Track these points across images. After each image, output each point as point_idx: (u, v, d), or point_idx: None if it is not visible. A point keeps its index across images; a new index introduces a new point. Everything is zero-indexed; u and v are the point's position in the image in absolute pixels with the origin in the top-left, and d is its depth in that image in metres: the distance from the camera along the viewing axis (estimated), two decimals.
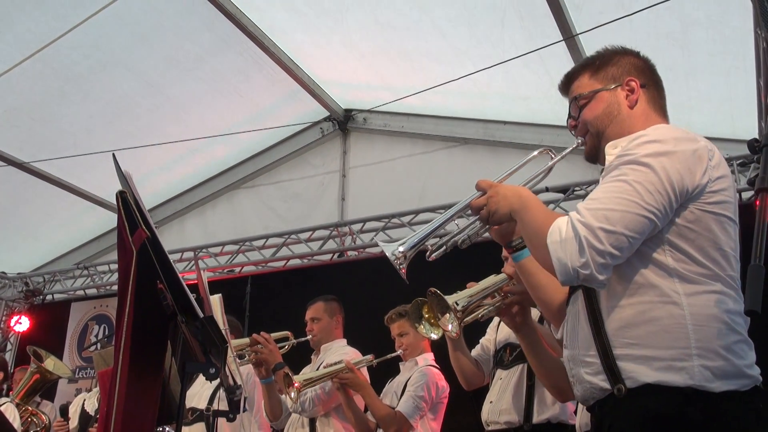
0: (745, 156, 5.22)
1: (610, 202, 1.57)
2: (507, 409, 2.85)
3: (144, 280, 1.59)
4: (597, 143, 1.89)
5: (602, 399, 1.62)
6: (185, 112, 6.65)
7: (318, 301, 4.07)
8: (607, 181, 1.64)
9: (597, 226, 1.54)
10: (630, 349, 1.57)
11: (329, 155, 7.44)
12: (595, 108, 1.89)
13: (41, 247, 8.31)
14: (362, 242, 6.69)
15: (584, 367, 1.65)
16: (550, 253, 1.59)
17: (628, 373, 1.55)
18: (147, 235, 1.51)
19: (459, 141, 6.76)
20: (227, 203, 7.87)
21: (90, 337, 7.73)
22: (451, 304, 2.24)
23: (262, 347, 3.65)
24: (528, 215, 1.74)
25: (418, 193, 6.67)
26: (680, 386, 1.49)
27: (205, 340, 1.66)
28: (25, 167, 6.81)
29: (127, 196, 1.56)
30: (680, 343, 1.53)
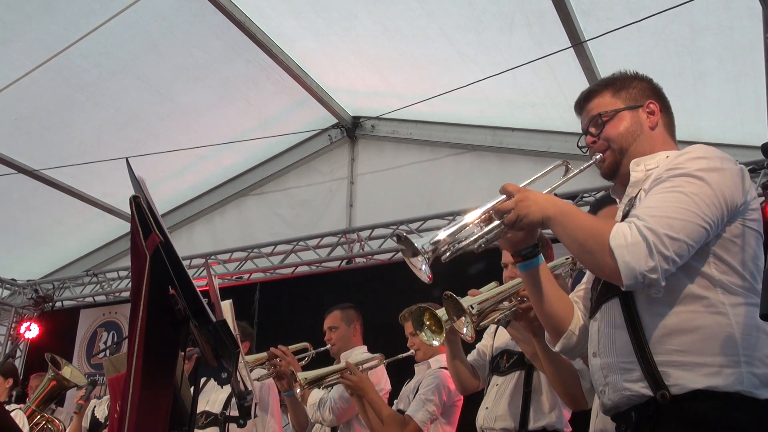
0: (755, 162, 5.21)
1: (671, 210, 1.61)
2: (503, 416, 2.84)
3: (156, 285, 1.60)
4: (619, 159, 1.93)
5: (640, 405, 1.64)
6: (194, 119, 6.68)
7: (335, 309, 4.08)
8: (661, 191, 1.66)
9: (663, 233, 1.57)
10: (676, 356, 1.60)
11: (337, 162, 7.46)
12: (618, 125, 1.93)
13: (51, 254, 8.35)
14: (370, 249, 6.69)
15: (623, 374, 1.67)
16: (616, 257, 1.57)
17: (675, 380, 1.58)
18: (160, 240, 1.51)
19: (467, 148, 6.77)
20: (236, 210, 7.89)
21: (99, 344, 7.76)
22: (466, 308, 2.23)
23: (280, 360, 3.65)
24: (573, 221, 1.73)
25: (426, 200, 6.68)
26: (729, 392, 1.53)
27: (217, 344, 1.66)
28: (35, 175, 6.86)
29: (141, 200, 1.57)
30: (729, 351, 1.57)
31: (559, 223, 1.75)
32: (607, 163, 1.95)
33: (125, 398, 1.54)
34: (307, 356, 3.95)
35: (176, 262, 1.57)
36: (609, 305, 1.77)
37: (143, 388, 1.56)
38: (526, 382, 2.88)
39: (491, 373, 3.07)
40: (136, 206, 1.57)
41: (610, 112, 1.94)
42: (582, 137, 2.04)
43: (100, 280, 8.05)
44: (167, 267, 1.52)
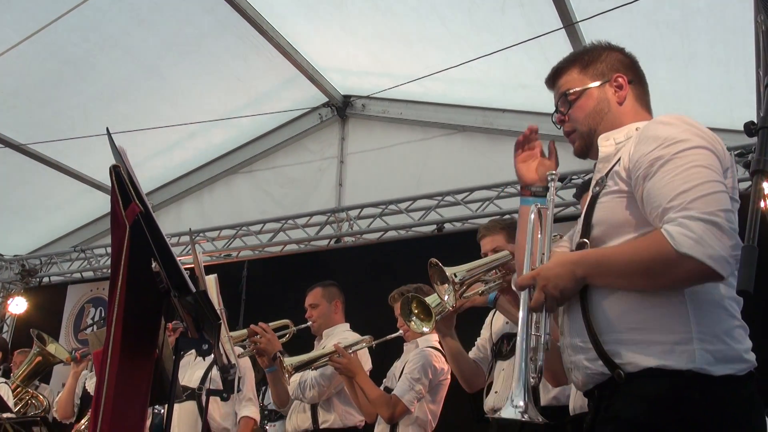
0: (743, 146, 5.22)
1: (708, 187, 1.55)
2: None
3: (137, 257, 1.59)
4: (588, 141, 1.90)
5: (602, 383, 1.64)
6: (183, 95, 6.62)
7: (316, 287, 4.07)
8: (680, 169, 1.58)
9: (718, 210, 1.51)
10: (630, 334, 1.59)
11: (327, 141, 7.43)
12: (585, 105, 1.90)
13: (38, 230, 8.31)
14: (359, 228, 6.69)
15: (583, 353, 1.68)
16: (697, 257, 1.46)
17: (629, 359, 1.57)
18: (140, 210, 1.50)
19: (457, 128, 6.75)
20: (224, 188, 7.86)
21: (86, 319, 7.75)
22: (449, 276, 2.24)
23: (260, 337, 3.65)
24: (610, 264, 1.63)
25: (415, 180, 6.67)
26: (681, 369, 1.52)
27: (198, 315, 1.66)
28: (22, 149, 6.80)
29: (121, 170, 1.55)
30: (681, 328, 1.55)
31: (598, 276, 1.65)
32: (577, 146, 1.94)
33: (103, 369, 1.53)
34: (287, 333, 3.95)
35: (156, 232, 1.56)
36: None
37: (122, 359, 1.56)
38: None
39: (494, 359, 3.07)
40: (116, 176, 1.56)
41: (577, 91, 1.91)
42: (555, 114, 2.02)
43: (87, 256, 8.02)
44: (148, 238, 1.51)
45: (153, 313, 1.73)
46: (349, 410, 3.76)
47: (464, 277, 2.30)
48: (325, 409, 3.71)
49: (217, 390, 2.38)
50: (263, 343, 3.63)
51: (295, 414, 3.78)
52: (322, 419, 3.69)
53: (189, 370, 4.05)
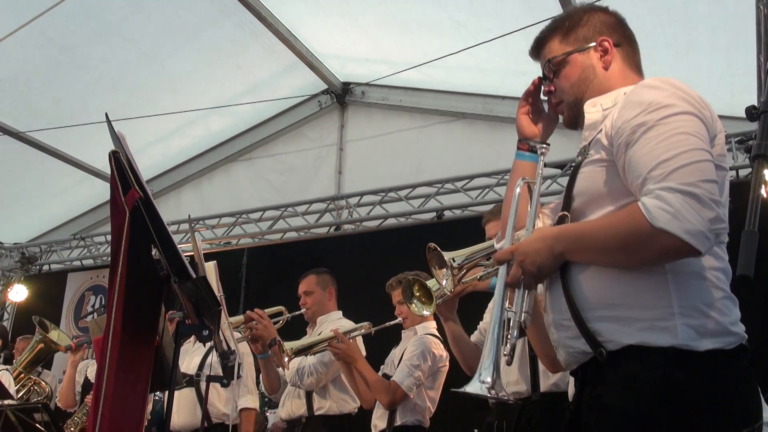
0: (743, 133, 5.22)
1: (691, 155, 1.46)
2: (515, 381, 2.85)
3: (137, 243, 1.59)
4: (576, 112, 1.82)
5: (585, 363, 1.59)
6: (182, 83, 6.60)
7: (310, 274, 4.07)
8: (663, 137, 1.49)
9: (698, 180, 1.42)
10: (609, 310, 1.53)
11: (326, 128, 7.42)
12: (570, 74, 1.82)
13: (38, 218, 8.31)
14: (359, 215, 6.69)
15: (565, 331, 1.62)
16: (673, 232, 1.39)
17: (609, 336, 1.51)
18: (140, 195, 1.50)
19: (457, 116, 6.74)
20: (224, 175, 7.86)
21: (86, 307, 7.77)
22: (447, 260, 2.24)
23: (256, 323, 3.65)
24: (588, 238, 1.56)
25: (415, 167, 6.67)
26: (663, 346, 1.45)
27: (198, 301, 1.66)
28: (21, 137, 6.78)
29: (120, 156, 1.55)
30: (662, 303, 1.48)
31: (576, 252, 1.59)
32: (565, 116, 1.87)
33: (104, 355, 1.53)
34: (281, 320, 3.96)
35: (156, 218, 1.56)
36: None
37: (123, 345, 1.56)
38: (531, 347, 2.89)
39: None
40: (115, 161, 1.55)
41: (559, 60, 1.83)
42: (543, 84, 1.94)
43: (87, 244, 8.02)
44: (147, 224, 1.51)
45: (153, 299, 1.73)
46: (344, 397, 3.77)
47: (462, 262, 2.29)
48: (321, 396, 3.72)
49: (217, 376, 2.39)
50: (259, 330, 3.63)
51: (290, 400, 3.78)
52: (317, 406, 3.70)
53: (187, 357, 4.07)
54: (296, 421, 3.71)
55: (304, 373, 3.65)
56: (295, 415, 3.71)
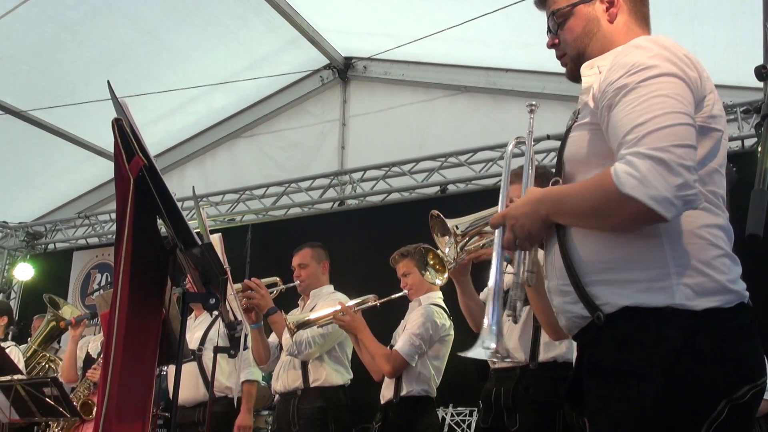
0: (748, 103, 5.18)
1: (666, 119, 1.43)
2: (514, 348, 2.86)
3: (142, 213, 1.59)
4: (578, 64, 1.79)
5: (584, 327, 1.59)
6: (183, 59, 6.56)
7: (305, 247, 4.07)
8: (641, 99, 1.47)
9: (670, 145, 1.40)
10: (605, 274, 1.52)
11: (329, 104, 7.39)
12: (574, 26, 1.77)
13: (42, 197, 8.32)
14: (362, 191, 6.69)
15: (564, 296, 1.62)
16: (637, 198, 1.38)
17: (605, 299, 1.51)
18: (144, 163, 1.50)
19: (460, 89, 6.70)
20: (227, 152, 7.85)
21: (92, 285, 7.81)
22: (450, 228, 2.22)
23: (253, 293, 3.66)
24: (568, 203, 1.56)
25: (418, 142, 6.65)
26: (659, 307, 1.44)
27: (204, 269, 1.66)
28: (23, 116, 6.77)
29: (123, 123, 1.54)
30: (657, 263, 1.47)
31: (560, 214, 1.59)
32: (568, 69, 1.84)
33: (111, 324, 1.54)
34: (276, 291, 3.96)
35: (161, 186, 1.56)
36: (551, 229, 1.67)
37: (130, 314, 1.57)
38: (535, 317, 2.90)
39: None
40: (118, 129, 1.55)
41: (563, 12, 1.78)
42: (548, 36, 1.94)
43: (92, 222, 8.04)
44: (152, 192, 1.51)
45: (159, 270, 1.73)
46: (338, 368, 3.80)
47: (466, 229, 2.28)
48: (316, 367, 3.74)
49: (225, 347, 2.41)
50: (257, 299, 3.64)
51: (285, 372, 3.80)
52: (313, 377, 3.72)
53: (189, 331, 4.10)
54: (291, 393, 3.73)
55: (302, 343, 3.66)
56: (291, 387, 3.73)
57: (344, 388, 3.79)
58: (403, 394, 3.49)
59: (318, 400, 3.66)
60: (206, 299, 1.73)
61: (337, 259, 4.36)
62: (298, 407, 3.67)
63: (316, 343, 3.67)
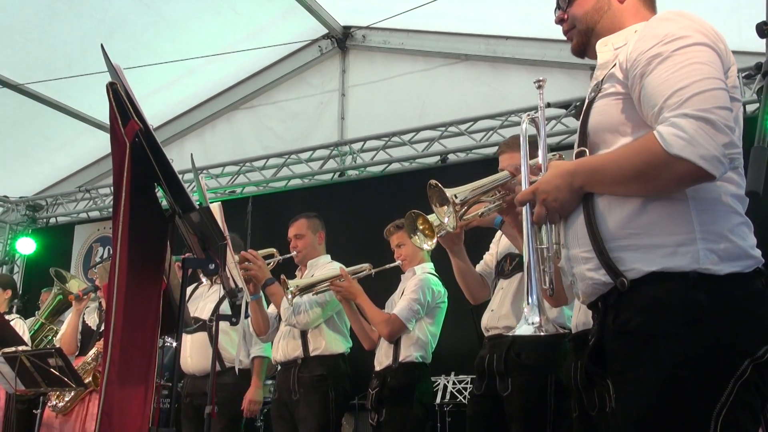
0: (749, 68, 5.13)
1: (706, 83, 1.48)
2: (506, 315, 2.91)
3: (139, 179, 1.58)
4: (586, 40, 1.84)
5: (605, 294, 1.62)
6: (180, 30, 6.50)
7: (300, 218, 4.08)
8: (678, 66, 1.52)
9: (713, 107, 1.45)
10: (631, 239, 1.56)
11: (328, 74, 7.33)
12: (585, 2, 1.82)
13: (42, 171, 8.31)
14: (363, 161, 6.67)
15: (585, 263, 1.65)
16: (687, 158, 1.42)
17: (630, 265, 1.55)
18: (139, 127, 1.49)
19: (460, 57, 6.64)
20: (226, 124, 7.82)
21: (95, 258, 7.84)
22: (449, 197, 2.21)
23: (251, 264, 3.67)
24: (605, 171, 1.59)
25: (418, 111, 6.61)
26: (685, 271, 1.49)
27: (204, 235, 1.66)
28: (20, 89, 6.73)
29: (118, 87, 1.53)
30: (684, 229, 1.52)
31: (595, 184, 1.62)
32: (574, 43, 1.88)
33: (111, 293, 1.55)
34: (273, 262, 3.97)
35: (157, 150, 1.55)
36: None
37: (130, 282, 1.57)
38: None
39: (497, 277, 3.11)
40: (113, 93, 1.53)
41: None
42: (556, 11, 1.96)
43: (93, 196, 8.04)
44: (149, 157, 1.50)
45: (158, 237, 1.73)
46: (337, 337, 3.83)
47: (465, 198, 2.26)
48: (315, 336, 3.77)
49: (226, 315, 2.42)
50: (254, 270, 3.66)
51: (284, 341, 3.82)
52: (313, 346, 3.75)
53: (201, 302, 4.11)
54: (292, 362, 3.76)
55: (300, 311, 3.68)
56: (291, 356, 3.76)
57: (344, 356, 3.82)
58: (402, 360, 3.53)
59: (318, 369, 3.69)
60: (205, 265, 1.72)
61: (337, 229, 4.38)
62: (298, 376, 3.70)
63: (313, 310, 3.69)
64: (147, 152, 1.53)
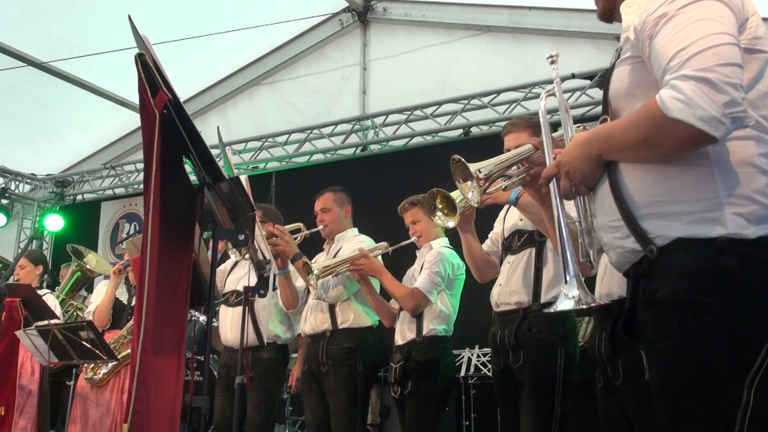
0: None
1: (709, 40, 1.43)
2: (516, 290, 2.93)
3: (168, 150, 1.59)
4: (611, 4, 1.79)
5: (637, 263, 1.60)
6: (202, 7, 6.49)
7: (326, 191, 4.08)
8: (683, 25, 1.47)
9: (714, 65, 1.39)
10: (657, 207, 1.53)
11: (349, 48, 7.30)
12: None
13: (67, 149, 8.41)
14: (385, 135, 6.65)
15: (614, 232, 1.62)
16: (686, 122, 1.38)
17: (657, 232, 1.52)
18: (168, 97, 1.49)
19: (482, 29, 6.56)
20: (248, 100, 7.83)
21: (121, 234, 7.94)
22: (473, 172, 2.19)
23: (278, 239, 3.69)
24: (615, 138, 1.56)
25: (440, 84, 6.56)
26: (713, 237, 1.45)
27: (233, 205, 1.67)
28: (44, 67, 6.78)
29: (146, 58, 1.53)
30: (708, 194, 1.47)
31: (609, 152, 1.60)
32: (600, 8, 1.83)
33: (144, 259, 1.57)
34: (299, 236, 3.98)
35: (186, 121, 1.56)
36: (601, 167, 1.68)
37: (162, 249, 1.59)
38: (537, 258, 2.94)
39: (504, 252, 3.13)
40: (141, 64, 1.54)
41: None
42: None
43: (118, 173, 8.13)
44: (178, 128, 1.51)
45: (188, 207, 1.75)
46: (366, 310, 3.85)
47: (489, 172, 2.25)
48: (344, 309, 3.79)
49: (254, 287, 2.43)
50: (281, 245, 3.67)
51: (312, 315, 3.85)
52: (341, 319, 3.77)
53: (236, 275, 4.14)
54: (320, 335, 3.79)
55: (329, 285, 3.71)
56: (320, 329, 3.78)
57: (372, 329, 3.84)
58: (426, 333, 3.55)
59: (347, 341, 3.71)
60: (235, 236, 1.74)
61: (360, 204, 4.36)
62: (327, 348, 3.73)
63: (343, 284, 3.72)
64: (176, 123, 1.55)
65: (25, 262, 4.80)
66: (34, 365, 4.31)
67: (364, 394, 3.69)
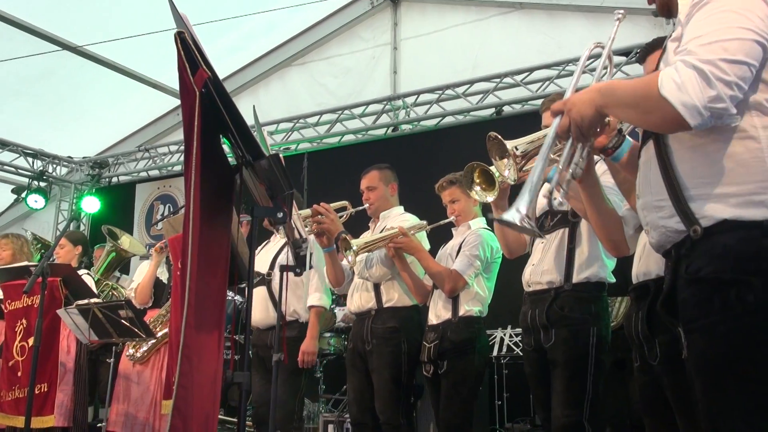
0: None
1: (721, 33, 1.46)
2: (549, 270, 2.90)
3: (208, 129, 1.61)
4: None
5: (678, 243, 1.60)
6: None
7: (372, 169, 4.07)
8: (705, 16, 1.51)
9: (717, 59, 1.44)
10: (705, 188, 1.54)
11: (380, 28, 7.27)
12: None
13: (103, 132, 8.53)
14: (416, 115, 6.62)
15: (658, 212, 1.64)
16: (671, 102, 1.45)
17: (704, 213, 1.53)
18: (208, 75, 1.50)
19: (514, 6, 6.48)
20: (279, 81, 7.85)
21: (156, 216, 8.06)
22: (510, 149, 2.17)
23: (323, 217, 3.70)
24: (618, 93, 1.62)
25: (471, 63, 6.50)
26: (759, 220, 1.46)
27: (271, 183, 1.68)
28: (79, 51, 6.87)
29: (186, 36, 1.54)
30: (758, 177, 1.48)
31: (611, 105, 1.65)
32: (658, 3, 1.81)
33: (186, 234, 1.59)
34: (345, 215, 3.99)
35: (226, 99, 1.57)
36: (648, 145, 1.71)
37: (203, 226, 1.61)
38: (570, 239, 2.92)
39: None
40: (181, 42, 1.55)
41: None
42: None
43: (152, 155, 8.24)
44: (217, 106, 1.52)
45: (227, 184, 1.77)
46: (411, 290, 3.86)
47: (526, 150, 2.23)
48: (388, 289, 3.80)
49: (291, 266, 2.45)
50: (327, 223, 3.68)
51: (358, 293, 3.87)
52: (386, 298, 3.78)
53: (259, 255, 4.17)
54: (365, 313, 3.81)
55: (372, 264, 3.73)
56: (365, 307, 3.81)
57: (417, 308, 3.85)
58: (462, 314, 3.54)
59: (391, 320, 3.72)
60: (274, 212, 1.75)
61: None
62: (371, 327, 3.74)
63: (384, 263, 3.72)
64: (215, 101, 1.56)
65: (65, 242, 4.90)
66: (70, 343, 4.41)
67: (409, 373, 3.70)
